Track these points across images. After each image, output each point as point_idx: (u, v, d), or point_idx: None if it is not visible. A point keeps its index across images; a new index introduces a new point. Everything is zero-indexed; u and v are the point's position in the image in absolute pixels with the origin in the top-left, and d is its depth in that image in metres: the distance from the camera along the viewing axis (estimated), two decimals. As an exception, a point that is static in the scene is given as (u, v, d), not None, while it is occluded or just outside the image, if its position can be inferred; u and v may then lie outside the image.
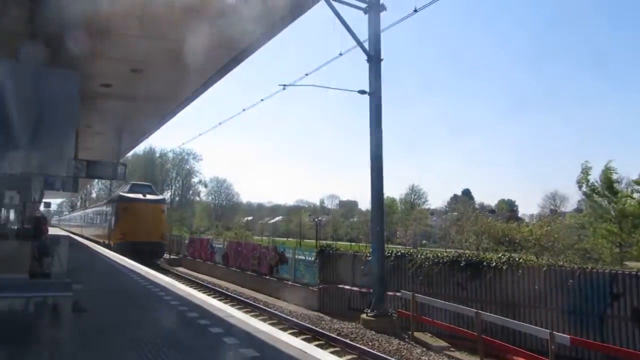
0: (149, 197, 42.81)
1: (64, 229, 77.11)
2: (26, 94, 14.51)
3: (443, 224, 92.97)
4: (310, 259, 27.84)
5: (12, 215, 28.80)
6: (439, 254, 22.46)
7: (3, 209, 27.17)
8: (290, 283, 28.75)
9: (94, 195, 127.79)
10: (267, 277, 31.00)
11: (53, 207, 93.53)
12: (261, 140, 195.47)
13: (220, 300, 25.10)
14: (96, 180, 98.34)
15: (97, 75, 19.98)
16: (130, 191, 43.59)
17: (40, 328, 11.74)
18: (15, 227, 26.83)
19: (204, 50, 17.64)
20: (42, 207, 49.19)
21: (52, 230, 42.04)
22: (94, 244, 44.70)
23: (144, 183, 49.38)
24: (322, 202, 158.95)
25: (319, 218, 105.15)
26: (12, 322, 11.54)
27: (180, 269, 41.50)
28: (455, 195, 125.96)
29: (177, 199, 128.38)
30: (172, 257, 45.60)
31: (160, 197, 45.51)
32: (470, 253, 24.21)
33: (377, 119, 21.28)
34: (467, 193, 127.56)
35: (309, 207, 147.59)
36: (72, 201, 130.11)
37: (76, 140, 22.37)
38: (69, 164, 21.73)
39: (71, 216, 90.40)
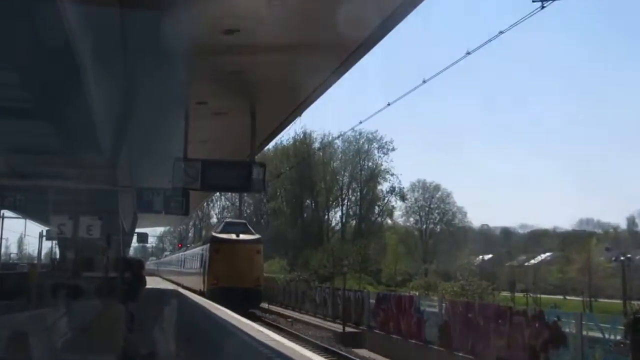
0: (242, 236, 40.19)
1: (163, 277, 66.02)
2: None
3: None
4: (614, 337, 16.39)
5: (91, 256, 22.56)
6: None
7: (73, 247, 20.55)
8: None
9: (214, 219, 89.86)
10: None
11: (150, 242, 79.15)
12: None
13: None
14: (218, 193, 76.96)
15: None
16: (223, 230, 41.56)
17: None
18: (97, 275, 20.33)
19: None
20: (133, 243, 49.18)
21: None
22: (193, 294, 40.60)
23: (238, 221, 47.76)
24: (630, 222, 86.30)
25: (625, 254, 54.26)
26: None
27: (363, 352, 26.43)
28: None
29: (352, 221, 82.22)
30: (348, 327, 30.11)
31: (255, 236, 41.64)
32: None
33: None
34: None
35: (603, 233, 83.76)
36: (179, 232, 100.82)
37: (186, 127, 15.04)
38: (175, 168, 14.27)
39: (172, 258, 71.66)
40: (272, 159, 69.75)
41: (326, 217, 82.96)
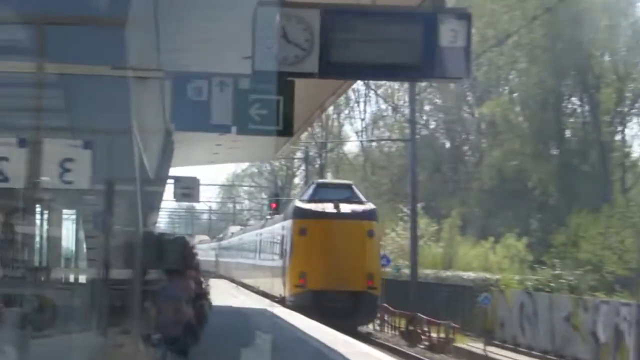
0: (344, 209, 28.26)
1: (223, 276, 50.63)
2: None
3: None
4: None
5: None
6: None
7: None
8: None
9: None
10: None
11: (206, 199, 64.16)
12: None
13: None
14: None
15: None
16: (312, 197, 29.41)
17: None
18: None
19: None
20: (167, 201, 33.19)
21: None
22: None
23: (339, 181, 36.27)
24: None
25: None
26: None
27: None
28: None
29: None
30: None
31: (366, 206, 29.57)
32: None
33: None
34: None
35: None
36: (273, 177, 71.67)
37: None
38: (260, 22, 6.46)
39: (241, 239, 48.31)
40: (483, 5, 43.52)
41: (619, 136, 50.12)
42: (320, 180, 38.45)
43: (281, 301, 29.33)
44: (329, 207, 28.43)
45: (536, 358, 25.20)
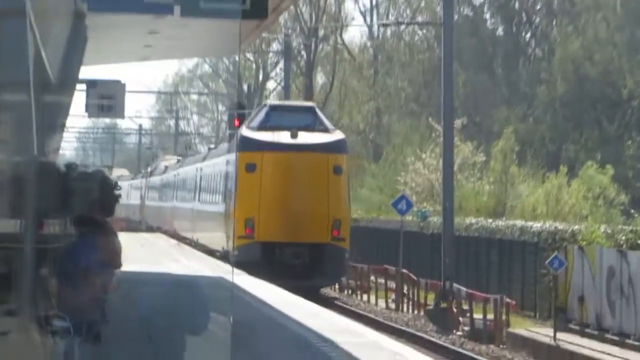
0: (304, 138, 32.36)
1: (155, 226, 55.92)
2: None
3: None
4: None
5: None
6: None
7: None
8: None
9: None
10: None
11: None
12: None
13: None
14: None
15: None
16: (264, 124, 33.42)
17: None
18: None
19: None
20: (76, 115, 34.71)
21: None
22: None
23: (298, 103, 40.75)
24: None
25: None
26: None
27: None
28: None
29: None
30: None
31: (332, 135, 33.70)
32: None
33: None
34: None
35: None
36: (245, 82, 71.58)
37: None
38: None
39: (177, 174, 53.23)
40: None
41: None
42: (274, 103, 42.43)
43: (224, 256, 33.15)
44: (284, 137, 31.95)
45: (634, 350, 24.93)
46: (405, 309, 33.67)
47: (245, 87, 71.10)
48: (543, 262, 29.14)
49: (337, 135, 33.72)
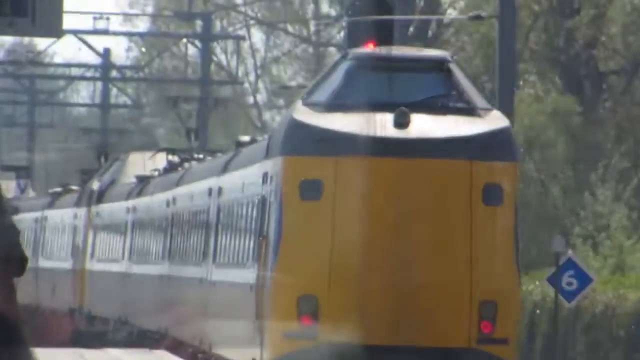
0: (423, 129, 19.34)
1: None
2: None
3: None
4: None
5: None
6: None
7: None
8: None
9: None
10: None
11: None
12: None
13: None
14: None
15: None
16: (338, 98, 19.76)
17: None
18: None
19: None
20: None
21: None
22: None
23: (412, 52, 23.73)
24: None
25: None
26: None
27: None
28: None
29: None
30: None
31: (486, 126, 20.00)
32: None
33: None
34: None
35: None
36: None
37: None
38: None
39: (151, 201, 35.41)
40: None
41: None
42: (363, 50, 22.95)
43: None
44: (382, 125, 18.75)
45: None
46: None
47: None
48: None
49: (495, 121, 20.00)
